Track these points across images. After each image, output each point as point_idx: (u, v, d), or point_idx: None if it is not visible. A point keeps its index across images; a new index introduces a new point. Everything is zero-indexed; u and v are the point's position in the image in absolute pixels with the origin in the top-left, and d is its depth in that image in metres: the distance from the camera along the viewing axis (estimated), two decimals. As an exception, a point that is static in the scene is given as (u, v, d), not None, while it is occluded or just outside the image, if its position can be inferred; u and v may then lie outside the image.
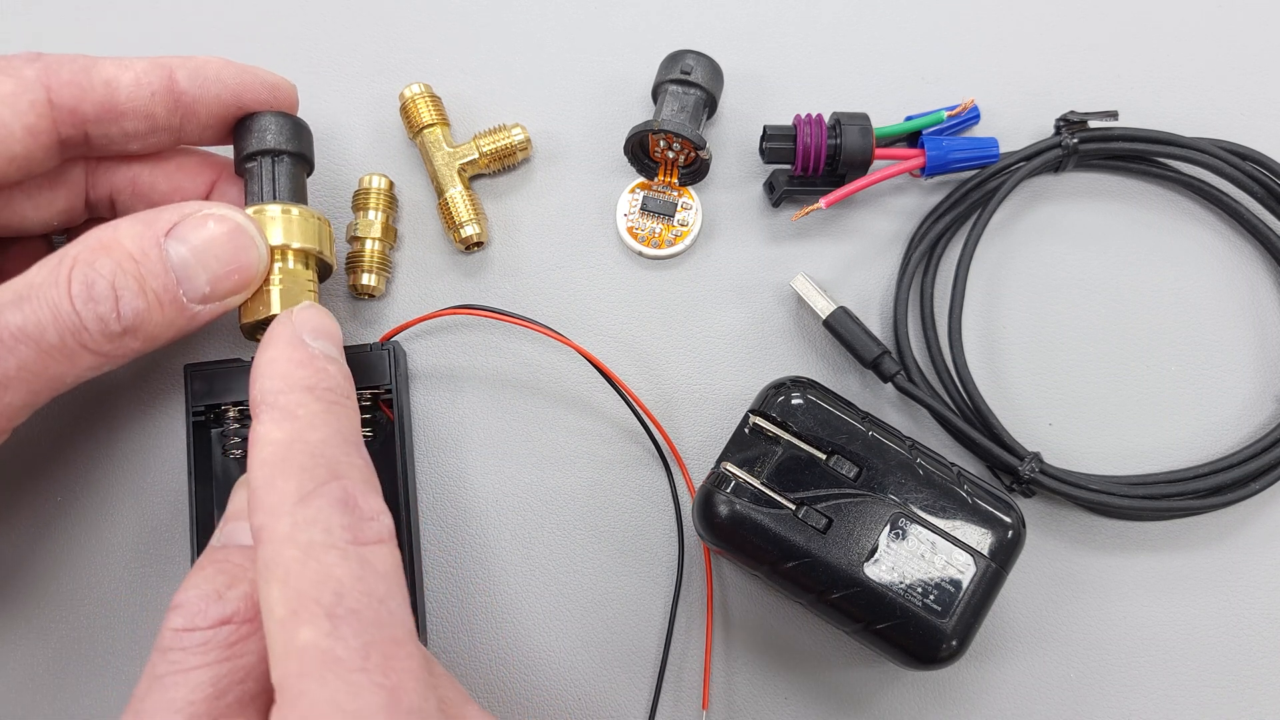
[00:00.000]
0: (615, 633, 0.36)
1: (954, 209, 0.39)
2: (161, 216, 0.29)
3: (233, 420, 0.35)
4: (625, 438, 0.38)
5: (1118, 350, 0.39)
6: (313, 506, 0.25)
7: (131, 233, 0.29)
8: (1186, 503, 0.37)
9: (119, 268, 0.28)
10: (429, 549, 0.37)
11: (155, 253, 0.29)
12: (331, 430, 0.27)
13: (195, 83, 0.32)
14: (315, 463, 0.26)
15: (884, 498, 0.32)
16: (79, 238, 0.29)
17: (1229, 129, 0.41)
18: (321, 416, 0.27)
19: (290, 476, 0.25)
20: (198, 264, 0.29)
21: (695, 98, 0.38)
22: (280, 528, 0.24)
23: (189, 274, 0.29)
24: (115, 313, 0.28)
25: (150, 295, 0.29)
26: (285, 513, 0.25)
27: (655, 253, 0.39)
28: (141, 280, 0.28)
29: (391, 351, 0.36)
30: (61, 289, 0.27)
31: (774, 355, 0.39)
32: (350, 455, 0.27)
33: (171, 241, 0.29)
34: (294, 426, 0.26)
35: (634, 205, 0.39)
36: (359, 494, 0.26)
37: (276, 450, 0.26)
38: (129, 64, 0.31)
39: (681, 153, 0.38)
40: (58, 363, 0.28)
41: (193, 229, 0.29)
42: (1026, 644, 0.37)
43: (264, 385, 0.27)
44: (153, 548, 0.36)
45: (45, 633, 0.36)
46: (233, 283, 0.31)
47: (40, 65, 0.30)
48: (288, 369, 0.28)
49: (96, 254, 0.28)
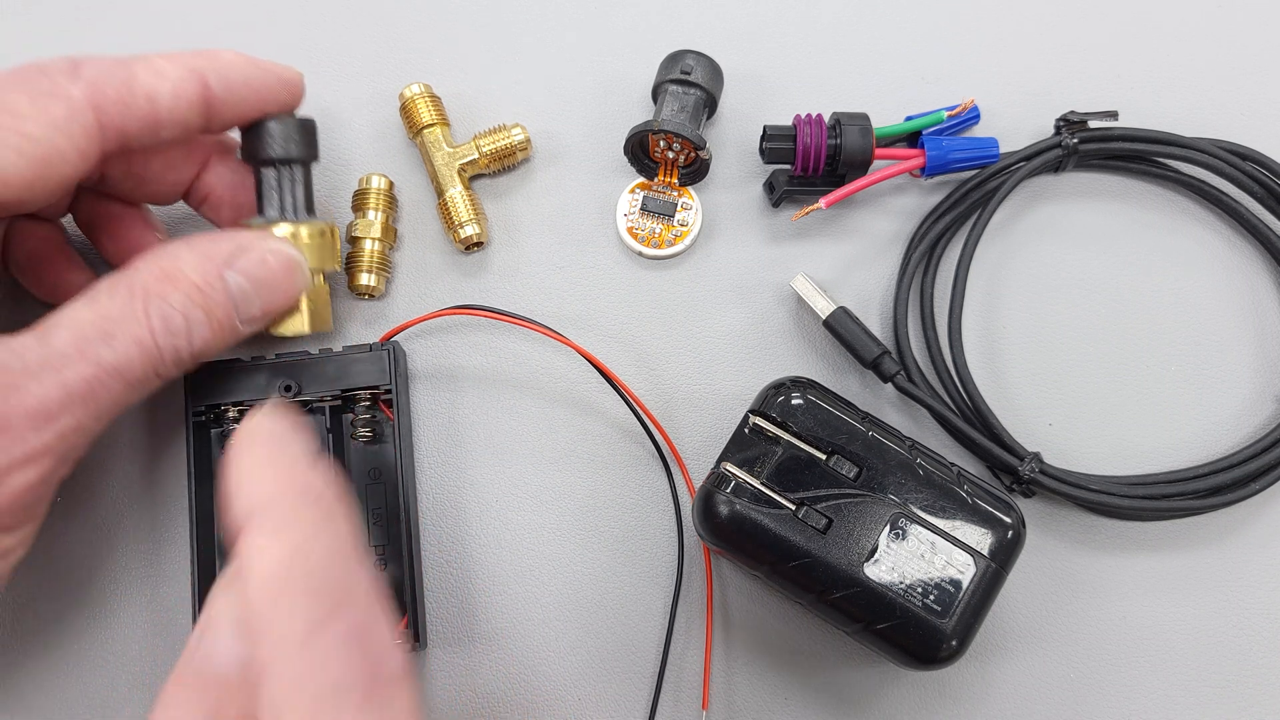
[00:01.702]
0: (615, 633, 0.36)
1: (954, 209, 0.39)
2: (219, 248, 0.31)
3: (232, 420, 0.35)
4: (625, 438, 0.38)
5: (1118, 350, 0.39)
6: (323, 645, 0.22)
7: (193, 264, 0.30)
8: (1186, 503, 0.37)
9: (189, 300, 0.30)
10: (429, 549, 0.37)
11: (219, 284, 0.30)
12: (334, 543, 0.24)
13: (224, 88, 0.32)
14: (321, 585, 0.23)
15: (884, 498, 0.32)
16: (138, 263, 0.30)
17: (1229, 129, 0.41)
18: (321, 527, 0.24)
19: (296, 602, 0.23)
20: (254, 293, 0.31)
21: (695, 98, 0.38)
22: (289, 671, 0.22)
23: (245, 301, 0.31)
24: (189, 344, 0.30)
25: (215, 324, 0.30)
26: (294, 651, 0.22)
27: (655, 253, 0.39)
28: (209, 311, 0.30)
29: (391, 351, 0.36)
30: (143, 325, 0.29)
31: (774, 355, 0.39)
32: (356, 574, 0.24)
33: (231, 273, 0.31)
34: (293, 540, 0.24)
35: (634, 205, 0.39)
36: (370, 625, 0.23)
37: (278, 569, 0.23)
38: (163, 71, 0.31)
39: (681, 153, 0.38)
40: (135, 392, 0.29)
41: (252, 264, 0.31)
42: (1026, 644, 0.37)
43: (252, 492, 0.25)
44: (153, 548, 0.36)
45: (45, 633, 0.36)
46: (280, 307, 0.33)
47: (84, 84, 0.29)
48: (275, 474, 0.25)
49: (165, 286, 0.29)
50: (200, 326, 0.30)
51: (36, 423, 0.27)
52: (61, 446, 0.28)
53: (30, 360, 0.27)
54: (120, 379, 0.28)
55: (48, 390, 0.27)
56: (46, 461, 0.27)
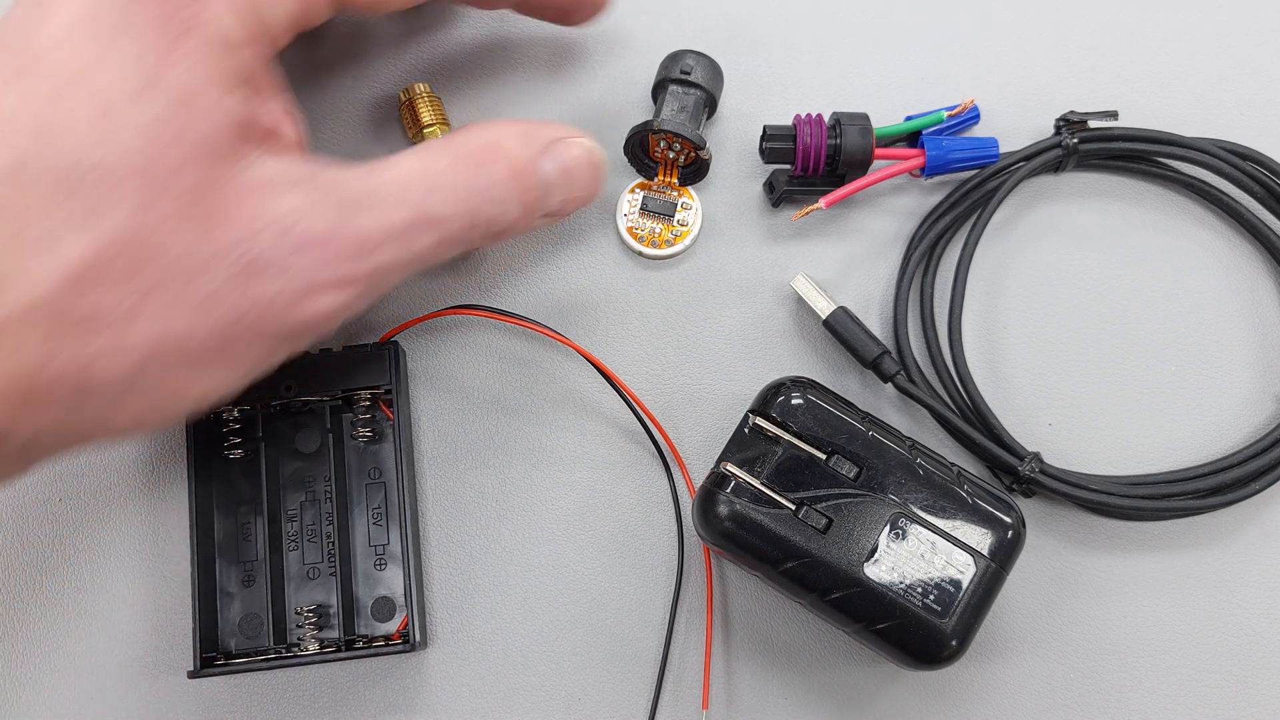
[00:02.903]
0: (615, 633, 0.36)
1: (954, 209, 0.39)
2: (541, 132, 0.31)
3: (233, 420, 0.35)
4: (625, 438, 0.38)
5: (1118, 350, 0.39)
6: None
7: (516, 143, 0.31)
8: (1186, 503, 0.37)
9: (511, 175, 0.30)
10: (429, 549, 0.37)
11: (535, 167, 0.31)
12: None
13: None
14: None
15: (884, 498, 0.32)
16: (466, 131, 0.31)
17: (1229, 129, 0.41)
18: None
19: None
20: (561, 183, 0.32)
21: (695, 97, 0.38)
22: None
23: (549, 191, 0.32)
24: (500, 217, 0.30)
25: (523, 206, 0.31)
26: None
27: (655, 253, 0.39)
28: (525, 190, 0.31)
29: (391, 351, 0.36)
30: (465, 184, 0.29)
31: (774, 355, 0.39)
32: None
33: (545, 159, 0.31)
34: None
35: (634, 205, 0.39)
36: None
37: None
38: None
39: (681, 153, 0.38)
40: (442, 251, 0.30)
41: (567, 154, 0.32)
42: (1026, 644, 0.37)
43: None
44: (153, 548, 0.36)
45: (45, 633, 0.36)
46: (576, 206, 0.33)
47: None
48: None
49: (491, 155, 0.30)
50: (513, 204, 0.30)
51: (355, 252, 0.27)
52: (369, 280, 0.28)
53: (358, 192, 0.28)
54: (435, 231, 0.29)
55: (369, 224, 0.27)
56: (353, 291, 0.28)
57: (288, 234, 0.26)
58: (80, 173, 0.24)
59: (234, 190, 0.26)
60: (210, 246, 0.25)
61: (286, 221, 0.26)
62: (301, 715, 0.36)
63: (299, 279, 0.26)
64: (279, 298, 0.26)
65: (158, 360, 0.25)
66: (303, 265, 0.26)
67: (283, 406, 0.36)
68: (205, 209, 0.25)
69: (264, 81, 0.28)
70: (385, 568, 0.36)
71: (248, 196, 0.26)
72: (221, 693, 0.36)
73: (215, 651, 0.34)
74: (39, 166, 0.24)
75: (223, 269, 0.25)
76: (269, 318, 0.26)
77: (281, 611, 0.35)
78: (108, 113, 0.24)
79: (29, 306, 0.24)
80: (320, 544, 0.36)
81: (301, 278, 0.26)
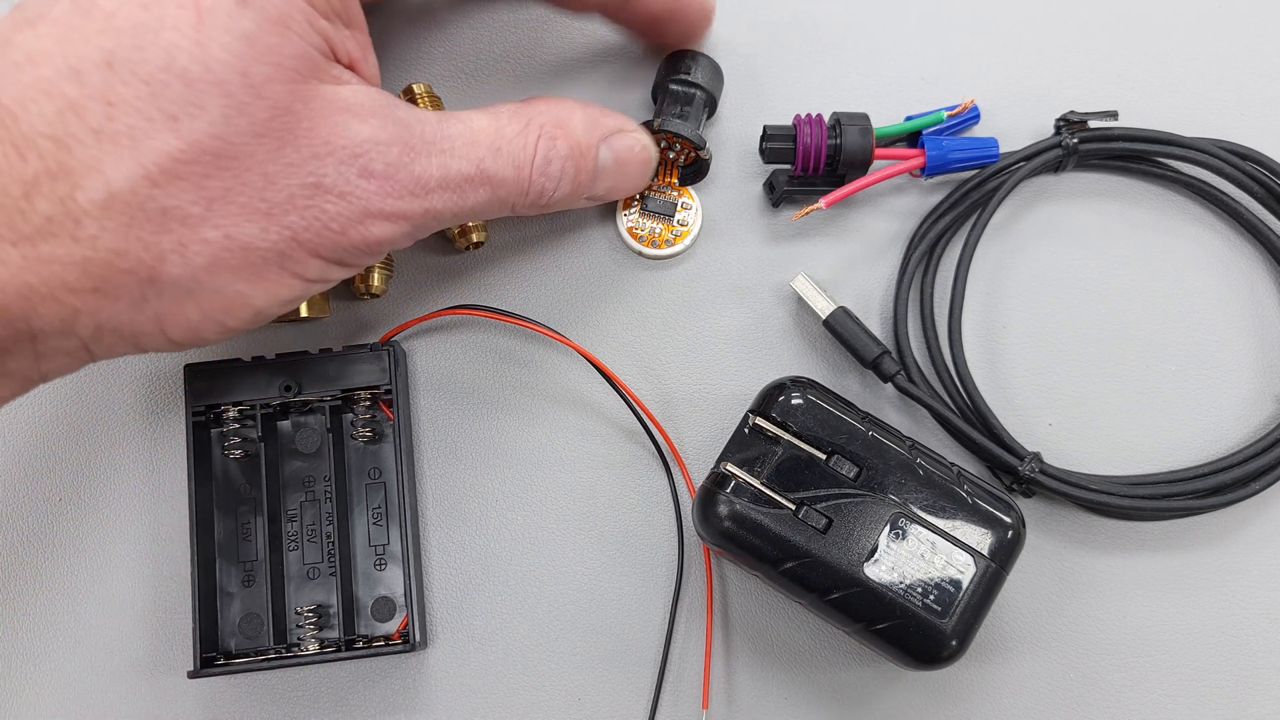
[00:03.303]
0: (615, 633, 0.36)
1: (954, 209, 0.39)
2: (606, 120, 0.34)
3: (233, 420, 0.35)
4: (625, 438, 0.38)
5: (1118, 350, 0.39)
6: None
7: (582, 125, 0.33)
8: (1186, 503, 0.37)
9: (571, 154, 0.32)
10: (429, 549, 0.37)
11: (594, 151, 0.33)
12: None
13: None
14: None
15: (884, 498, 0.32)
16: (538, 104, 0.33)
17: (1229, 129, 0.41)
18: None
19: None
20: (613, 171, 0.34)
21: (695, 97, 0.38)
22: None
23: (603, 176, 0.34)
24: (553, 190, 0.32)
25: (574, 185, 0.33)
26: None
27: (655, 253, 0.39)
28: (579, 171, 0.33)
29: (391, 351, 0.36)
30: (528, 153, 0.31)
31: (774, 355, 0.39)
32: None
33: (605, 146, 0.34)
34: None
35: (634, 205, 0.39)
36: None
37: None
38: None
39: (682, 153, 0.38)
40: (493, 209, 0.32)
41: (625, 145, 0.34)
42: (1026, 644, 0.37)
43: None
44: (153, 548, 0.36)
45: (45, 633, 0.36)
46: (622, 194, 0.37)
47: None
48: None
49: (557, 132, 0.32)
50: (567, 181, 0.33)
51: (413, 189, 0.29)
52: (420, 219, 0.30)
53: (429, 134, 0.29)
54: (489, 189, 0.31)
55: (431, 167, 0.29)
56: (404, 226, 0.29)
57: (355, 160, 0.28)
58: (170, 75, 0.25)
59: (313, 111, 0.27)
60: (284, 160, 0.27)
61: (357, 149, 0.28)
62: (301, 715, 0.36)
63: (358, 204, 0.28)
64: (337, 219, 0.28)
65: (223, 263, 0.27)
66: (364, 192, 0.28)
67: (283, 406, 0.36)
68: (284, 125, 0.27)
69: (351, 15, 0.30)
70: (385, 568, 0.36)
71: (324, 119, 0.27)
72: (221, 693, 0.36)
73: (215, 651, 0.34)
74: (131, 63, 0.25)
75: (292, 184, 0.27)
76: (326, 237, 0.28)
77: (281, 611, 0.35)
78: (202, 22, 0.25)
79: (108, 196, 0.25)
80: (320, 544, 0.36)
81: (360, 203, 0.28)
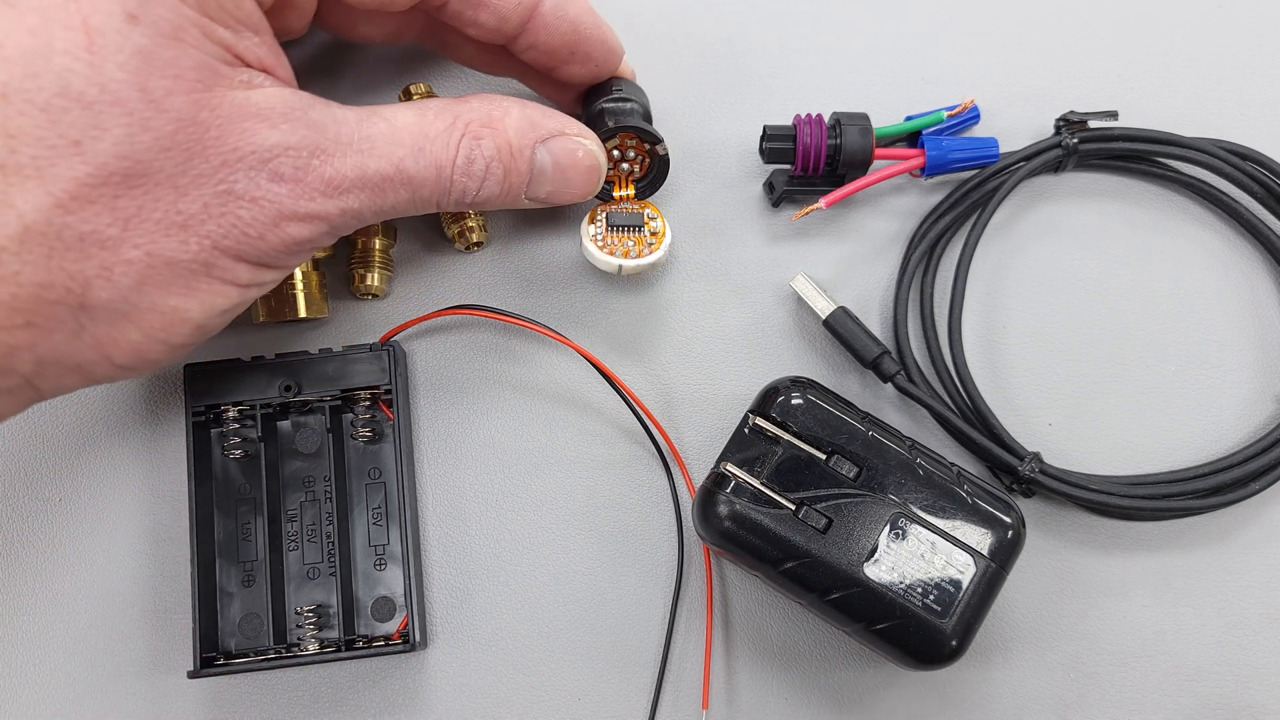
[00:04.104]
0: (615, 633, 0.36)
1: (954, 209, 0.39)
2: (545, 123, 0.33)
3: (232, 420, 0.35)
4: (625, 438, 0.38)
5: (1118, 350, 0.39)
6: None
7: (516, 125, 0.32)
8: (1186, 503, 0.37)
9: (497, 155, 0.32)
10: (429, 549, 0.37)
11: (528, 154, 0.32)
12: None
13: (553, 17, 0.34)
14: None
15: (884, 498, 0.32)
16: (471, 100, 0.32)
17: (1229, 129, 0.41)
18: None
19: None
20: (553, 175, 0.33)
21: (632, 109, 0.36)
22: None
23: (540, 179, 0.33)
24: (476, 190, 0.32)
25: (506, 187, 0.33)
26: None
27: (636, 263, 0.36)
28: (508, 173, 0.32)
29: (391, 352, 0.36)
30: (449, 153, 0.31)
31: (774, 355, 0.39)
32: None
33: (542, 148, 0.33)
34: None
35: (599, 228, 0.36)
36: None
37: None
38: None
39: (635, 161, 0.37)
40: (413, 208, 0.31)
41: (565, 149, 0.33)
42: (1026, 644, 0.37)
43: None
44: (153, 548, 0.36)
45: (45, 633, 0.36)
46: (566, 200, 0.35)
47: None
48: None
49: (484, 131, 0.32)
50: (494, 183, 0.32)
51: (325, 190, 0.29)
52: (338, 219, 0.30)
53: (345, 135, 0.29)
54: (408, 188, 0.30)
55: (347, 168, 0.29)
56: (321, 225, 0.29)
57: (265, 165, 0.28)
58: (67, 100, 0.25)
59: (220, 119, 0.27)
60: (194, 172, 0.27)
61: (266, 154, 0.28)
62: (301, 715, 0.36)
63: (271, 208, 0.28)
64: (253, 224, 0.28)
65: (151, 280, 0.27)
66: (275, 195, 0.28)
67: (283, 406, 0.36)
68: (191, 136, 0.27)
69: (254, 22, 0.29)
70: (385, 568, 0.36)
71: (232, 126, 0.27)
72: (221, 693, 0.36)
73: (215, 651, 0.34)
74: (26, 93, 0.25)
75: (204, 193, 0.27)
76: (245, 242, 0.28)
77: (281, 611, 0.35)
78: (93, 43, 0.25)
79: (23, 230, 0.25)
80: (320, 544, 0.36)
81: (273, 207, 0.28)
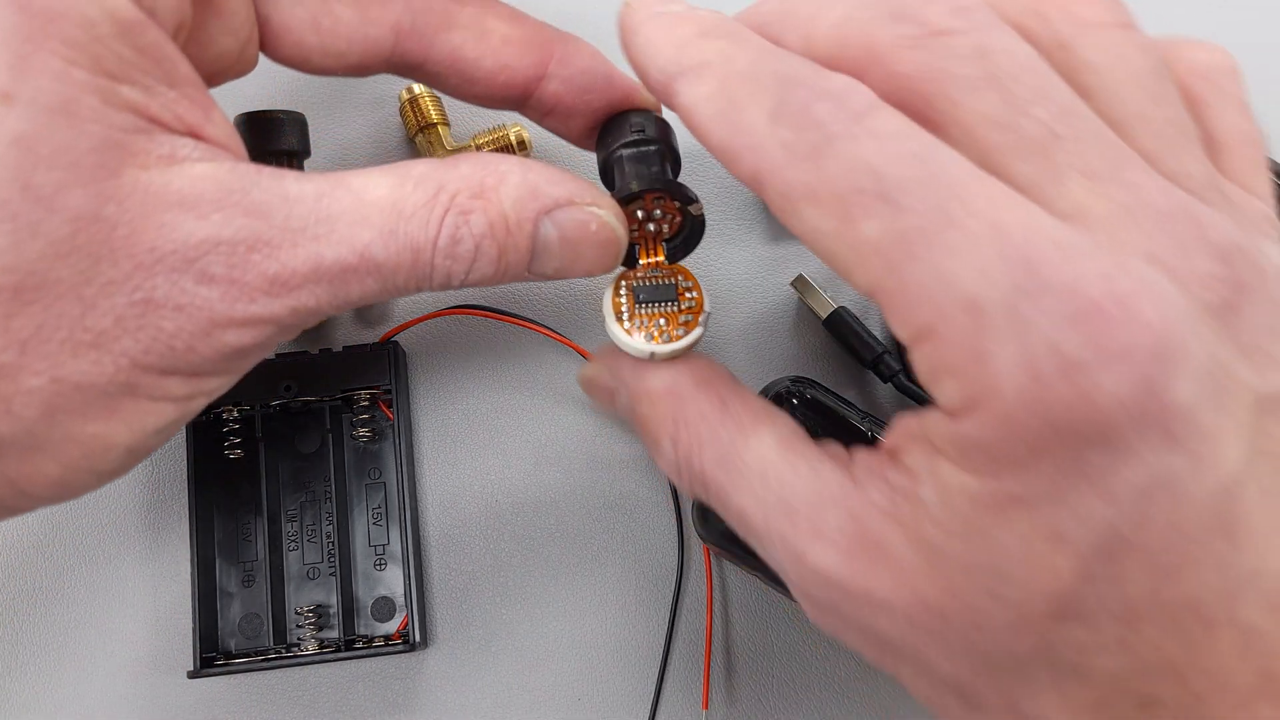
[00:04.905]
0: (615, 633, 0.36)
1: (954, 209, 0.39)
2: (550, 191, 0.26)
3: (233, 420, 0.35)
4: (625, 438, 0.38)
5: (1118, 350, 0.39)
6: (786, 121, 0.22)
7: (515, 197, 0.25)
8: (1186, 503, 0.36)
9: (490, 231, 0.25)
10: (429, 549, 0.37)
11: (529, 229, 0.26)
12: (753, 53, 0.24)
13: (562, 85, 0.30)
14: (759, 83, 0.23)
15: (884, 498, 0.32)
16: (461, 163, 0.26)
17: (1229, 129, 0.41)
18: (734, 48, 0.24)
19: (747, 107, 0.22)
20: (560, 251, 0.26)
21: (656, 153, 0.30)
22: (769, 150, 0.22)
23: (546, 255, 0.26)
24: (463, 274, 0.25)
25: (502, 265, 0.26)
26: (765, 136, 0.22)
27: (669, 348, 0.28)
28: (503, 252, 0.26)
29: (391, 352, 0.36)
30: (429, 233, 0.24)
31: (774, 355, 0.39)
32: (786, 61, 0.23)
33: (548, 221, 0.26)
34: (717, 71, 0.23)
35: (625, 300, 0.29)
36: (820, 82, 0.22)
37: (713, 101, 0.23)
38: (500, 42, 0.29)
39: (664, 220, 0.30)
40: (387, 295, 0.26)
41: (574, 221, 0.26)
42: (1026, 644, 0.37)
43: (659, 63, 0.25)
44: (153, 549, 0.36)
45: (44, 634, 0.36)
46: (573, 275, 0.28)
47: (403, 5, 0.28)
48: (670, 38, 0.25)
49: (473, 204, 0.25)
50: (486, 263, 0.25)
51: (273, 289, 0.23)
52: (289, 319, 0.24)
53: (296, 218, 0.23)
54: (376, 278, 0.24)
55: (298, 260, 0.23)
56: (267, 329, 0.24)
57: (190, 266, 0.22)
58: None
59: (131, 212, 0.22)
60: (101, 280, 0.22)
61: (190, 252, 0.22)
62: (301, 715, 0.36)
63: (200, 315, 0.23)
64: (179, 334, 0.23)
65: (60, 409, 0.22)
66: (204, 300, 0.23)
67: (283, 406, 0.36)
68: (94, 236, 0.22)
69: (171, 70, 0.23)
70: (385, 568, 0.36)
71: (148, 220, 0.22)
72: (221, 693, 0.36)
73: (215, 651, 0.34)
74: None
75: (117, 304, 0.22)
76: (172, 356, 0.23)
77: (281, 611, 0.35)
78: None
79: None
80: (320, 544, 0.36)
81: (203, 314, 0.23)
